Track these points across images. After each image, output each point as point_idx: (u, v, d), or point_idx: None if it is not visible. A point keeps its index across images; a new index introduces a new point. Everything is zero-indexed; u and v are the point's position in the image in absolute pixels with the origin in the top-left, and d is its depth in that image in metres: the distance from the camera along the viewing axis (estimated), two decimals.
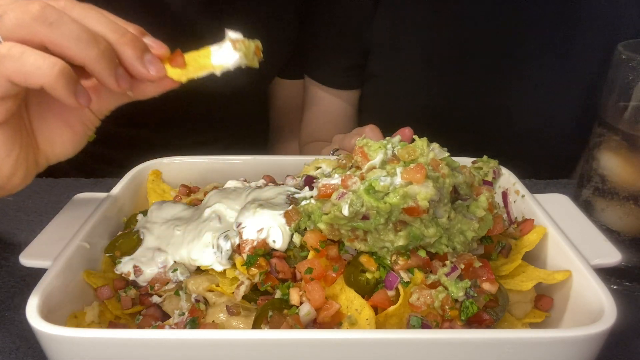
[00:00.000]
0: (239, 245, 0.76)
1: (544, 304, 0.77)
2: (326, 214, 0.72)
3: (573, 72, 1.36)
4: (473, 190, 0.79)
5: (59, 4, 0.64)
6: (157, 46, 0.70)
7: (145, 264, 0.79)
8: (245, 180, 0.95)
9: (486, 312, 0.70)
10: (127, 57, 0.66)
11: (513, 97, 1.40)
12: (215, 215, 0.82)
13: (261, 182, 0.93)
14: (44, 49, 0.62)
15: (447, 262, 0.72)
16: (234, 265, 0.76)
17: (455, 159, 0.79)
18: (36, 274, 0.71)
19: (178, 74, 0.70)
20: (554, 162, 1.50)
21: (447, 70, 1.38)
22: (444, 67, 1.38)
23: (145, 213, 0.88)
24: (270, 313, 0.68)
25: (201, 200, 0.90)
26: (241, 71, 0.97)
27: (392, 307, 0.68)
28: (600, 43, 1.32)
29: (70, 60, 0.63)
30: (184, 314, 0.74)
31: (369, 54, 1.41)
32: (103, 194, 0.90)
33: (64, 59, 0.62)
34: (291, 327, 0.65)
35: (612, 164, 0.89)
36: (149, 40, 0.70)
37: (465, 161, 0.96)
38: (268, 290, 0.73)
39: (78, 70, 0.64)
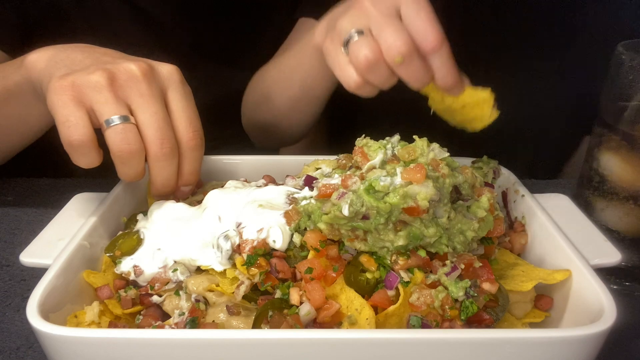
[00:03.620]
0: (239, 245, 0.76)
1: (544, 303, 0.77)
2: (326, 214, 0.72)
3: (572, 72, 1.36)
4: (475, 191, 0.79)
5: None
6: (180, 194, 0.90)
7: (145, 264, 0.79)
8: (245, 180, 0.95)
9: (486, 312, 0.70)
10: (151, 185, 0.86)
11: (513, 97, 1.40)
12: (215, 215, 0.82)
13: (261, 182, 0.93)
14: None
15: (447, 262, 0.72)
16: (234, 265, 0.76)
17: (455, 159, 0.79)
18: (36, 274, 0.71)
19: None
20: (553, 161, 1.50)
21: None
22: None
23: (145, 213, 0.88)
24: (270, 313, 0.68)
25: (201, 201, 0.90)
26: (237, 74, 1.02)
27: (392, 307, 0.68)
28: (599, 43, 1.33)
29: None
30: (184, 314, 0.74)
31: None
32: (103, 194, 0.90)
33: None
34: (291, 327, 0.65)
35: (612, 164, 0.89)
36: (183, 188, 0.89)
37: (465, 161, 0.96)
38: (268, 290, 0.73)
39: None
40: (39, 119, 1.00)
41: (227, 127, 1.48)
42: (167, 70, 0.87)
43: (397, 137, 0.80)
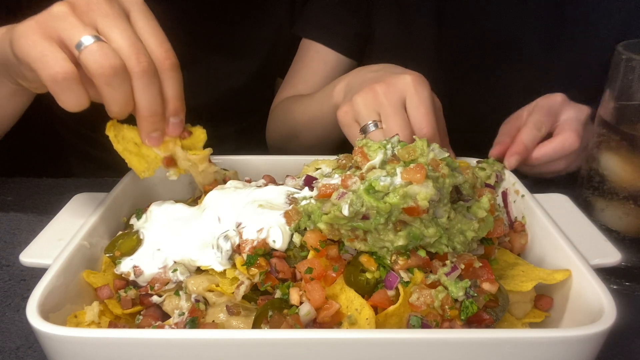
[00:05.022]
0: (239, 245, 0.76)
1: (544, 303, 0.77)
2: (326, 214, 0.72)
3: (572, 72, 1.36)
4: (475, 191, 0.78)
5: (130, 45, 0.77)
6: (171, 130, 0.85)
7: (145, 264, 0.79)
8: (248, 180, 0.95)
9: (486, 312, 0.70)
10: (139, 126, 0.83)
11: (513, 98, 1.40)
12: (215, 215, 0.82)
13: (261, 182, 0.93)
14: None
15: (447, 262, 0.72)
16: (234, 265, 0.76)
17: (460, 158, 0.78)
18: (36, 274, 0.71)
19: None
20: None
21: (448, 71, 1.38)
22: (444, 68, 1.38)
23: (139, 216, 0.88)
24: (270, 313, 0.68)
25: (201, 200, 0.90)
26: (236, 70, 0.97)
27: (392, 307, 0.68)
28: (598, 44, 1.33)
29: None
30: (184, 314, 0.74)
31: (369, 39, 1.40)
32: (103, 194, 0.90)
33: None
34: (291, 327, 0.65)
35: (612, 164, 0.89)
36: (173, 120, 0.84)
37: (470, 161, 0.96)
38: (268, 290, 0.73)
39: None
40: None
41: (226, 126, 1.49)
42: None
43: (397, 137, 0.80)
